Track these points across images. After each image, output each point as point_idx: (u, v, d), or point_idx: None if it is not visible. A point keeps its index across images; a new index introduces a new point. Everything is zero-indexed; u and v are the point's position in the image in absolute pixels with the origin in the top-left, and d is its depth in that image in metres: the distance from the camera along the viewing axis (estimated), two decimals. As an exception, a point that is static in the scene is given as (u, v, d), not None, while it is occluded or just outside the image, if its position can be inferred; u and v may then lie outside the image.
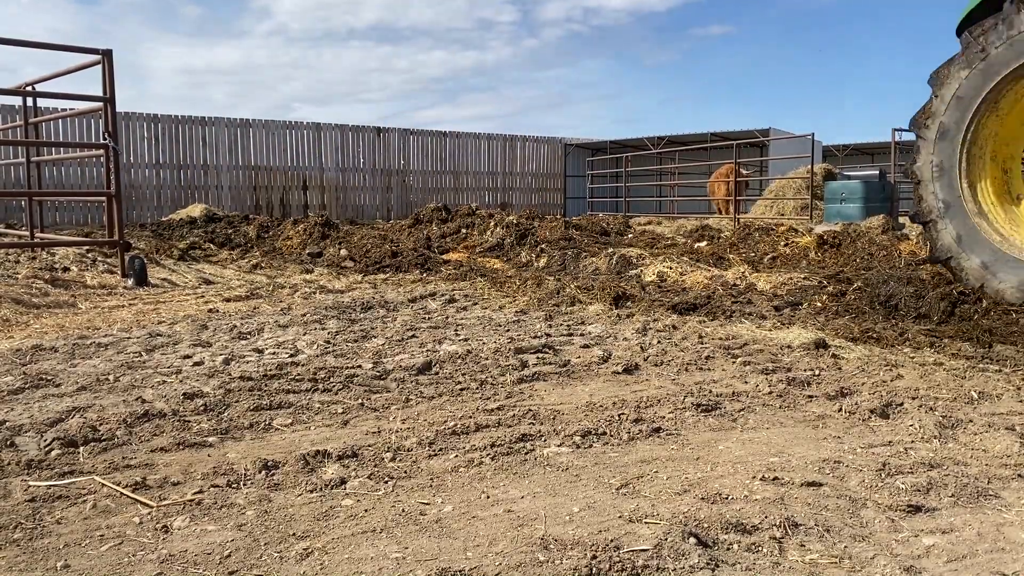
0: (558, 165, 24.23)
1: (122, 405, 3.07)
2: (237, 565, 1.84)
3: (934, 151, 5.19)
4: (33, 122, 9.16)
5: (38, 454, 2.55)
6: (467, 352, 4.08)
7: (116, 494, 2.25)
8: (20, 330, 4.76)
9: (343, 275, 7.79)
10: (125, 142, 16.74)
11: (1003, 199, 5.05)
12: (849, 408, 3.12)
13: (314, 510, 2.15)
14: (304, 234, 10.06)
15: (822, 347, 4.20)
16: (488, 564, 1.83)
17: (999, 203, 5.01)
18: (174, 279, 7.38)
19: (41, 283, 6.45)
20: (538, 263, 8.51)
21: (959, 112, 5.01)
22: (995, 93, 4.86)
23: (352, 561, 1.86)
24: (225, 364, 3.80)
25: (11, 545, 1.95)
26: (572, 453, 2.61)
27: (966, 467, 2.51)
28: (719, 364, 3.91)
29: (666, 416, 3.02)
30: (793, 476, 2.39)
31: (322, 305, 5.70)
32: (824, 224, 13.61)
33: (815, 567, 1.84)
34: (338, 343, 4.35)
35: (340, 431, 2.84)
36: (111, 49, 6.94)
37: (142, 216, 16.64)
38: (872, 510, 2.16)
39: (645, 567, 1.80)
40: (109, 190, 7.28)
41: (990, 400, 3.29)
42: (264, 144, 18.85)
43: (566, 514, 2.12)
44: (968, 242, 4.97)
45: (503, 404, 3.17)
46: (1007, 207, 5.04)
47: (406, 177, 20.77)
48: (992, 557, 1.91)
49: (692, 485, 2.33)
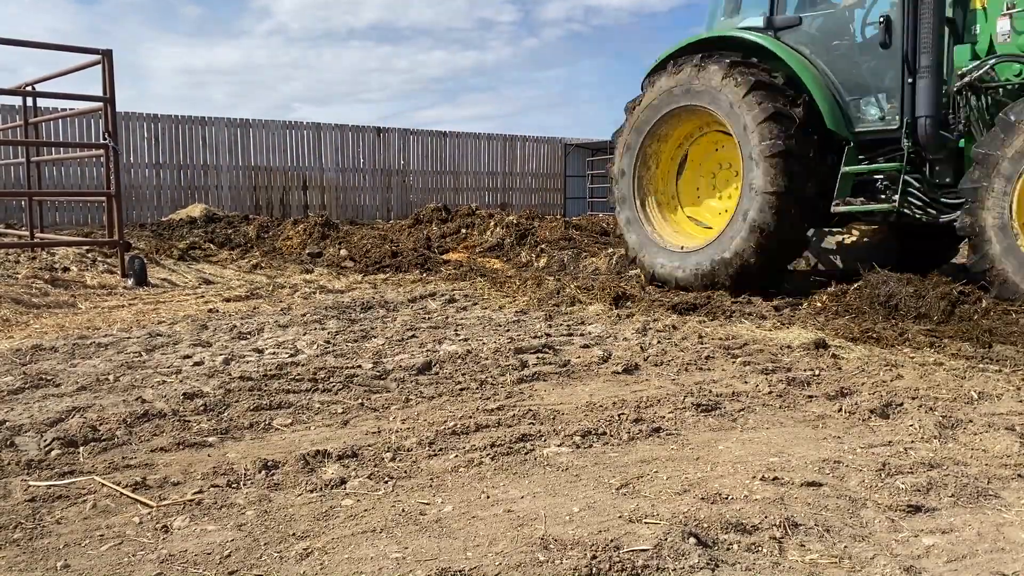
0: (558, 165, 24.22)
1: (122, 405, 3.07)
2: (237, 565, 1.84)
3: (621, 160, 6.89)
4: (33, 122, 9.16)
5: (38, 454, 2.55)
6: (467, 352, 4.08)
7: (116, 494, 2.25)
8: (20, 330, 4.76)
9: (343, 275, 7.79)
10: (125, 142, 16.75)
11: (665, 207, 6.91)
12: (849, 408, 3.12)
13: (314, 510, 2.15)
14: (304, 234, 10.07)
15: (822, 347, 4.20)
16: (488, 564, 1.83)
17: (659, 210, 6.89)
18: (174, 279, 7.38)
19: (41, 283, 6.46)
20: (538, 263, 8.51)
21: (643, 129, 6.69)
22: (657, 126, 6.60)
23: (352, 561, 1.86)
24: (225, 364, 3.80)
25: (11, 545, 1.95)
26: (572, 453, 2.61)
27: (966, 467, 2.51)
28: (719, 364, 3.91)
29: (666, 416, 3.02)
30: (793, 476, 2.39)
31: (322, 305, 5.70)
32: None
33: (815, 567, 1.84)
34: (338, 343, 4.35)
35: (340, 431, 2.84)
36: (111, 49, 6.94)
37: (142, 216, 16.64)
38: (872, 510, 2.16)
39: (645, 567, 1.80)
40: (109, 190, 7.28)
41: (990, 400, 3.29)
42: (264, 144, 18.84)
43: (566, 514, 2.12)
44: (634, 226, 6.84)
45: (503, 404, 3.17)
46: (667, 213, 6.87)
47: (406, 177, 20.76)
48: (992, 557, 1.91)
49: (692, 485, 2.33)
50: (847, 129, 5.88)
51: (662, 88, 6.45)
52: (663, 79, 6.45)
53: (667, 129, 6.62)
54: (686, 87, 6.24)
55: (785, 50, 5.98)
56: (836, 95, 5.91)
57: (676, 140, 6.73)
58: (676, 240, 6.55)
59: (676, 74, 6.34)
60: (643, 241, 6.69)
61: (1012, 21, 5.11)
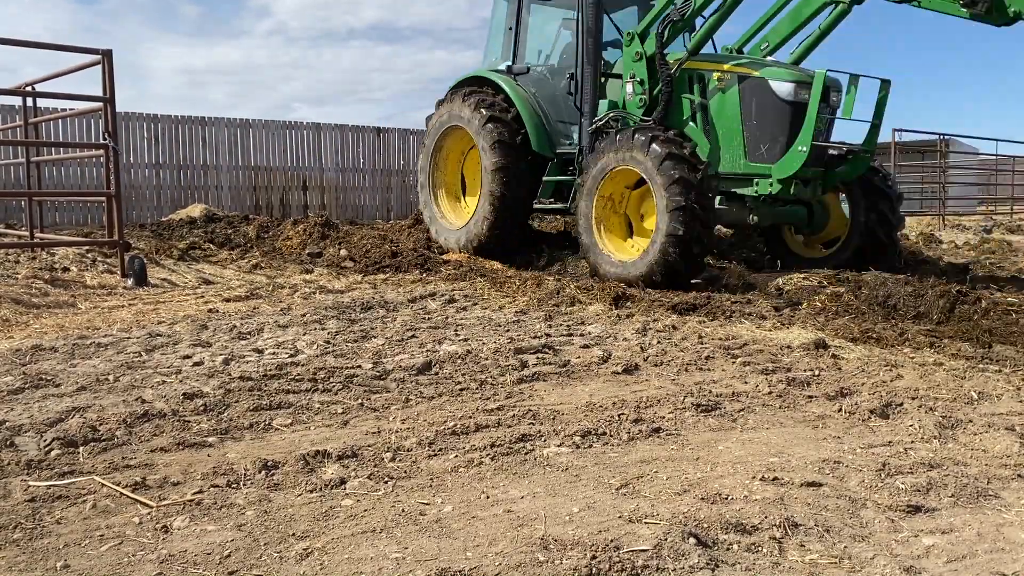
0: (558, 165, 24.23)
1: (122, 405, 3.07)
2: (237, 565, 1.84)
3: (421, 160, 9.29)
4: (33, 122, 9.16)
5: (38, 454, 2.55)
6: (467, 352, 4.08)
7: (116, 494, 2.25)
8: (20, 330, 4.76)
9: (343, 275, 7.79)
10: (125, 142, 16.74)
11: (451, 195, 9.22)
12: (849, 408, 3.12)
13: (314, 510, 2.15)
14: (304, 234, 10.05)
15: (822, 347, 4.20)
16: (488, 564, 1.83)
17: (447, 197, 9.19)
18: (174, 279, 7.38)
19: (41, 283, 6.45)
20: (538, 263, 8.50)
21: (431, 139, 9.06)
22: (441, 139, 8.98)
23: (352, 561, 1.86)
24: (225, 364, 3.80)
25: (11, 545, 1.95)
26: (572, 453, 2.61)
27: (966, 467, 2.51)
28: (719, 364, 3.91)
29: (666, 416, 3.02)
30: (793, 476, 2.39)
31: (322, 305, 5.70)
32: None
33: (815, 567, 1.84)
34: (338, 343, 4.34)
35: (340, 431, 2.84)
36: (111, 49, 6.93)
37: (142, 216, 16.63)
38: (872, 510, 2.16)
39: (645, 567, 1.80)
40: (109, 190, 7.27)
41: (990, 400, 3.29)
42: (264, 144, 18.83)
43: (566, 514, 2.12)
44: (428, 208, 9.21)
45: (503, 404, 3.17)
46: (451, 200, 9.18)
47: (406, 177, 20.75)
48: (992, 557, 1.91)
49: (692, 485, 2.33)
50: (551, 150, 8.21)
51: (442, 111, 8.86)
52: (444, 104, 8.86)
53: (449, 141, 8.92)
54: (455, 113, 8.62)
55: (515, 91, 8.28)
56: (547, 125, 8.24)
57: (457, 148, 8.96)
58: (455, 220, 8.92)
59: (450, 102, 8.74)
60: (433, 219, 9.15)
61: (625, 89, 7.62)
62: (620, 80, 7.80)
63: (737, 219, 7.30)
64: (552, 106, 8.25)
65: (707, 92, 7.24)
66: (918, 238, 11.71)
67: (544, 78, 8.49)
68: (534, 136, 8.10)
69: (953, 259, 9.15)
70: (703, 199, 6.42)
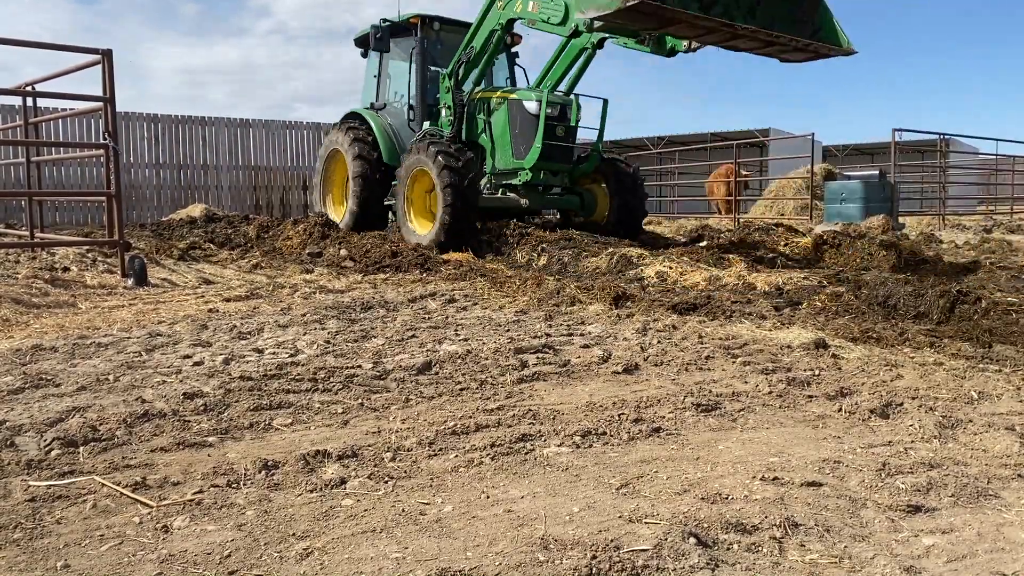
0: (558, 165, 24.24)
1: (122, 405, 3.07)
2: (237, 565, 1.84)
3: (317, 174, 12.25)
4: (33, 122, 9.16)
5: (38, 454, 2.55)
6: (467, 352, 4.08)
7: (116, 494, 2.25)
8: (20, 330, 4.76)
9: (343, 275, 7.79)
10: (125, 142, 16.75)
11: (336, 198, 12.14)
12: (849, 408, 3.12)
13: (314, 510, 2.15)
14: (304, 234, 10.06)
15: (822, 347, 4.20)
16: (488, 564, 1.83)
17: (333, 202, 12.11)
18: (174, 279, 7.37)
19: (41, 283, 6.45)
20: (538, 263, 8.51)
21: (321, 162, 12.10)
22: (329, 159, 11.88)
23: (352, 561, 1.86)
24: (225, 364, 3.80)
25: (11, 545, 1.95)
26: (572, 453, 2.61)
27: (966, 467, 2.51)
28: (719, 364, 3.91)
29: (666, 416, 3.03)
30: (793, 476, 2.39)
31: (322, 305, 5.70)
32: (824, 224, 13.60)
33: (815, 567, 1.85)
34: (338, 343, 4.35)
35: (340, 431, 2.84)
36: (111, 49, 6.93)
37: (142, 216, 16.64)
38: (872, 510, 2.17)
39: (645, 567, 1.80)
40: (109, 190, 7.28)
41: (990, 400, 3.29)
42: (264, 144, 18.85)
43: (566, 514, 2.12)
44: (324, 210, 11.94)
45: (503, 404, 3.17)
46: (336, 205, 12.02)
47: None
48: (992, 557, 1.91)
49: (692, 485, 2.33)
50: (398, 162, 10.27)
51: (329, 138, 11.75)
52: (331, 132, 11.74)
53: (334, 162, 11.74)
54: (337, 139, 11.38)
55: (376, 122, 11.01)
56: (396, 145, 10.85)
57: (341, 165, 11.55)
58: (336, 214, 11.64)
59: (333, 130, 11.65)
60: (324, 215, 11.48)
61: (442, 113, 10.37)
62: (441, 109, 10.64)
63: (513, 204, 9.98)
64: (403, 131, 10.99)
65: (491, 112, 10.07)
66: (918, 238, 11.71)
67: (398, 111, 11.23)
68: (385, 152, 10.86)
69: (953, 259, 9.15)
70: (469, 189, 8.98)
